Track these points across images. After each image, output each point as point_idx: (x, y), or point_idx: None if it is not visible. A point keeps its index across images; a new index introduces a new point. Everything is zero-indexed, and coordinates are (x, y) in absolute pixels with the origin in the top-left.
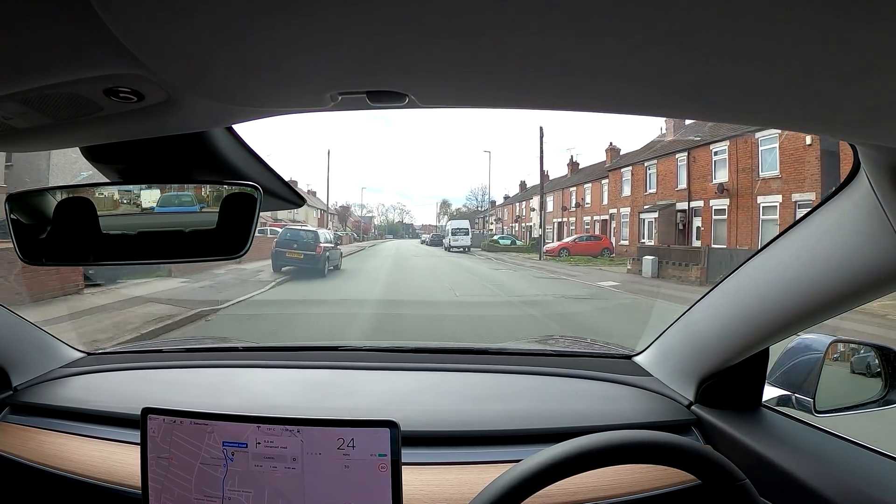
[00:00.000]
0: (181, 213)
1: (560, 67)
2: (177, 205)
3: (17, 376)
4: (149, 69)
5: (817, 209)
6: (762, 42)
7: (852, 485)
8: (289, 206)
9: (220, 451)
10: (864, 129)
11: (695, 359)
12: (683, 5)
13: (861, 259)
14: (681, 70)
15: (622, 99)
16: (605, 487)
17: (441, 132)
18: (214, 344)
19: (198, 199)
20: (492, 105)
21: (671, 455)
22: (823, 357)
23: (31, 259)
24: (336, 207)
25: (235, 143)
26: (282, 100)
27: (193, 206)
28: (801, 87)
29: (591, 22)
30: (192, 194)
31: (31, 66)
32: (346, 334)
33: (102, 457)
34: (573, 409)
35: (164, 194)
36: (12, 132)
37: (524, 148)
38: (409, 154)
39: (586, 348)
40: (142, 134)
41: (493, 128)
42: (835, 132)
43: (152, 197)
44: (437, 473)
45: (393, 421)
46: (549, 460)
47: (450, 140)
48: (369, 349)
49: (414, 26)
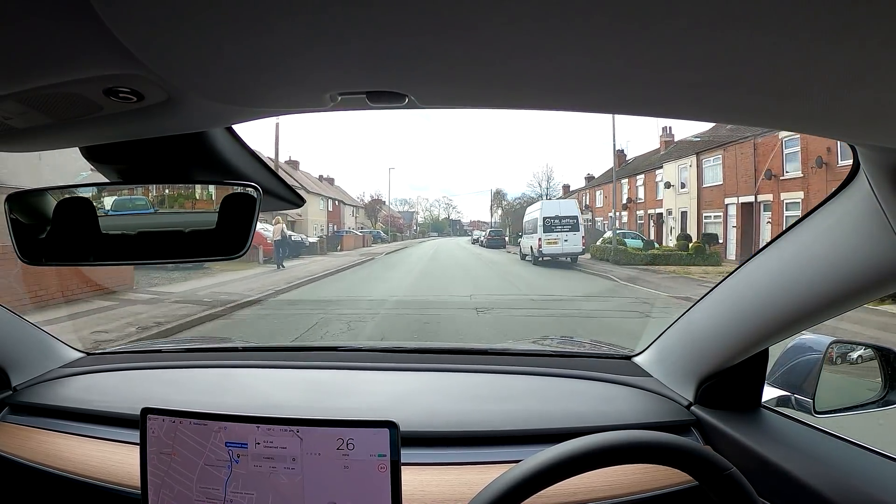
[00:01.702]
0: (181, 213)
1: (560, 68)
2: (130, 208)
3: (16, 376)
4: (149, 69)
5: (817, 209)
6: (762, 42)
7: (852, 485)
8: (288, 207)
9: (225, 451)
10: (864, 129)
11: (694, 359)
12: (683, 6)
13: (861, 259)
14: (681, 70)
15: (622, 99)
16: (605, 487)
17: (484, 126)
18: (214, 344)
19: (151, 203)
20: (492, 105)
21: (656, 453)
22: (823, 357)
23: (30, 259)
24: (363, 200)
25: (235, 143)
26: (281, 100)
27: (148, 209)
28: (801, 88)
29: (592, 22)
30: (146, 198)
31: (31, 66)
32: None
33: (102, 457)
34: (573, 410)
35: (118, 198)
36: (12, 132)
37: (579, 142)
38: (452, 150)
39: (585, 349)
40: (142, 134)
41: (543, 122)
42: (835, 132)
43: (109, 202)
44: (437, 474)
45: (392, 421)
46: (548, 461)
47: (496, 134)
48: (369, 349)
49: (414, 26)
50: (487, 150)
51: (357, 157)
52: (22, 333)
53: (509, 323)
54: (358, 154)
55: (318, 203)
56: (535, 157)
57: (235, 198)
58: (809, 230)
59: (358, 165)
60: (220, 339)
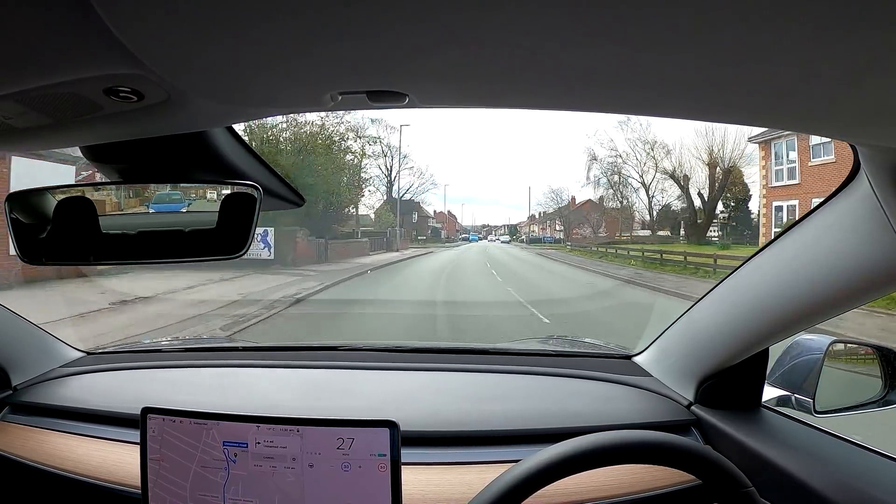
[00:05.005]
0: (181, 213)
1: (560, 68)
2: (168, 202)
3: (16, 376)
4: (149, 69)
5: (817, 209)
6: (762, 42)
7: (852, 485)
8: (289, 206)
9: (221, 451)
10: (864, 129)
11: (694, 359)
12: (684, 6)
13: (861, 259)
14: (681, 70)
15: (623, 99)
16: (606, 487)
17: (483, 130)
18: (214, 343)
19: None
20: (492, 105)
21: (678, 457)
22: (823, 357)
23: (30, 259)
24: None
25: (235, 143)
26: (282, 100)
27: (182, 203)
28: (801, 88)
29: (592, 22)
30: (180, 193)
31: (30, 66)
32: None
33: (102, 456)
34: (573, 410)
35: (159, 192)
36: (12, 132)
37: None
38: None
39: (586, 348)
40: (142, 134)
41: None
42: (835, 132)
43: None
44: (437, 473)
45: (392, 421)
46: (553, 458)
47: (495, 139)
48: (369, 349)
49: (414, 26)
50: (494, 157)
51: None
52: (22, 333)
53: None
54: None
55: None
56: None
57: (236, 197)
58: (810, 230)
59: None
60: (221, 339)
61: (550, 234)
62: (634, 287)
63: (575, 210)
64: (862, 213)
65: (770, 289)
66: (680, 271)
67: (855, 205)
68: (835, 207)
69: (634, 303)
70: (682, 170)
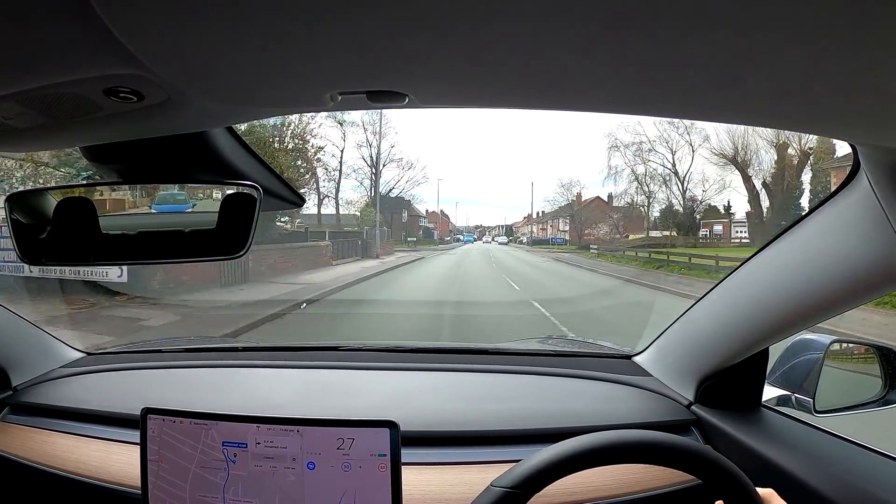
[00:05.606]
0: (181, 214)
1: (561, 68)
2: (172, 202)
3: (16, 376)
4: (149, 69)
5: (817, 209)
6: (762, 42)
7: (852, 484)
8: (289, 206)
9: (221, 451)
10: (864, 129)
11: (694, 359)
12: (684, 6)
13: (861, 259)
14: (681, 70)
15: (623, 99)
16: (605, 487)
17: (483, 130)
18: (214, 344)
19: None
20: (492, 105)
21: (678, 457)
22: (823, 357)
23: (30, 259)
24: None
25: (235, 143)
26: (282, 100)
27: (187, 203)
28: (802, 88)
29: (592, 21)
30: (184, 193)
31: (30, 66)
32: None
33: (102, 457)
34: (573, 410)
35: (162, 192)
36: (12, 132)
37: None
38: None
39: (586, 348)
40: (142, 134)
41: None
42: (835, 132)
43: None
44: (437, 473)
45: (393, 421)
46: (551, 458)
47: (496, 139)
48: (369, 349)
49: (414, 26)
50: (487, 156)
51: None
52: (22, 333)
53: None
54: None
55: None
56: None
57: (236, 197)
58: (809, 230)
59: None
60: (221, 339)
61: (556, 235)
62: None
63: (586, 207)
64: (861, 212)
65: (770, 288)
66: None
67: (854, 204)
68: (834, 207)
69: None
70: (744, 153)
